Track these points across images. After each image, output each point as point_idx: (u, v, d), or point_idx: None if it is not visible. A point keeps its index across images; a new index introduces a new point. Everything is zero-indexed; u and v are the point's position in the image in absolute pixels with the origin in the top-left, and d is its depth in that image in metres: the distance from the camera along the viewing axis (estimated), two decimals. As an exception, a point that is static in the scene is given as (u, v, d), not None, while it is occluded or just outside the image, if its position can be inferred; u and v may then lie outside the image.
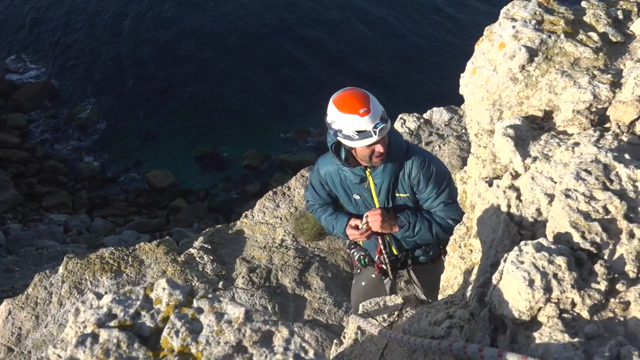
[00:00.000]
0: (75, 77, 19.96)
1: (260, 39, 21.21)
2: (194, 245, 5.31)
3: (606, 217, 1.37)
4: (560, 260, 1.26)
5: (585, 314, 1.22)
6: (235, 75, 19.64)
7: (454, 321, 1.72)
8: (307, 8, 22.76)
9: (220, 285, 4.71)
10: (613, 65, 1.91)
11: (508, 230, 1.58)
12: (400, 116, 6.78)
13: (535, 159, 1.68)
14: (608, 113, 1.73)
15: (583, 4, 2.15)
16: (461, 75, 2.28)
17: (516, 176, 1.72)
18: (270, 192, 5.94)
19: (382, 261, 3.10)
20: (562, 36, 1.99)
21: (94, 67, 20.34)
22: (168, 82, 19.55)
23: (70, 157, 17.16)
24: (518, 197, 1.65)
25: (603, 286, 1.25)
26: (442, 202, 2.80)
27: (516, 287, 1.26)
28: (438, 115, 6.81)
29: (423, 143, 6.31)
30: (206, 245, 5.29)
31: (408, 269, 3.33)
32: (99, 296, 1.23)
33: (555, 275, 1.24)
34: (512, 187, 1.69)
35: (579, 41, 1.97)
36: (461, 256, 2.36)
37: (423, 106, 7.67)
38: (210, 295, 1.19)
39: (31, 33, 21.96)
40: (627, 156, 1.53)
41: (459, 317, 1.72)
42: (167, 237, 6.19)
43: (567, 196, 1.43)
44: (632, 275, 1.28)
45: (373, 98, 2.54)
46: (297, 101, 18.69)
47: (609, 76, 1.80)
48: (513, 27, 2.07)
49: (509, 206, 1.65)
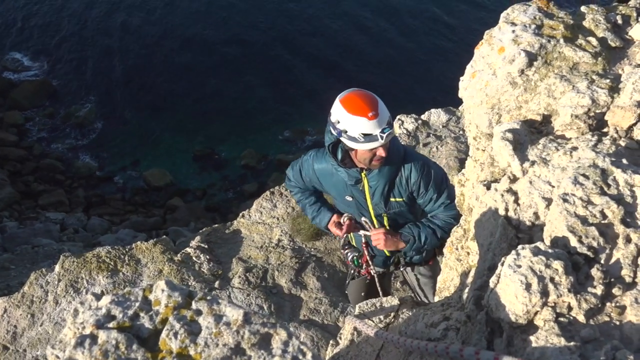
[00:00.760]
0: (73, 76, 19.92)
1: (259, 40, 21.23)
2: (191, 244, 5.30)
3: (603, 222, 1.37)
4: (557, 264, 1.26)
5: (581, 318, 1.23)
6: (234, 75, 19.65)
7: (451, 323, 1.72)
8: (305, 13, 22.81)
9: (216, 284, 4.70)
10: (612, 70, 1.92)
11: (505, 233, 1.59)
12: (398, 117, 6.77)
13: (533, 163, 1.69)
14: (606, 118, 1.74)
15: (583, 9, 2.16)
16: (460, 78, 2.29)
17: (514, 180, 1.73)
18: (267, 192, 5.93)
19: (370, 267, 3.16)
20: (562, 41, 1.99)
21: (93, 66, 20.31)
22: (167, 82, 19.53)
23: (67, 156, 17.12)
24: (516, 201, 1.66)
25: (599, 290, 1.26)
26: (443, 204, 2.82)
27: (513, 291, 1.26)
28: (436, 116, 6.81)
29: (421, 144, 6.31)
30: (203, 244, 5.28)
31: (403, 270, 3.34)
32: (98, 297, 1.23)
33: (552, 279, 1.25)
34: (510, 191, 1.70)
35: (578, 46, 1.98)
36: (458, 258, 2.37)
37: (421, 107, 7.66)
38: (209, 297, 1.19)
39: (29, 31, 21.90)
40: (625, 161, 1.54)
41: (456, 319, 1.72)
42: (164, 236, 6.19)
43: (565, 200, 1.43)
44: (629, 279, 1.28)
45: (381, 102, 2.53)
46: (296, 101, 18.70)
47: (608, 81, 1.81)
48: (513, 32, 2.07)
49: (507, 210, 1.65)
